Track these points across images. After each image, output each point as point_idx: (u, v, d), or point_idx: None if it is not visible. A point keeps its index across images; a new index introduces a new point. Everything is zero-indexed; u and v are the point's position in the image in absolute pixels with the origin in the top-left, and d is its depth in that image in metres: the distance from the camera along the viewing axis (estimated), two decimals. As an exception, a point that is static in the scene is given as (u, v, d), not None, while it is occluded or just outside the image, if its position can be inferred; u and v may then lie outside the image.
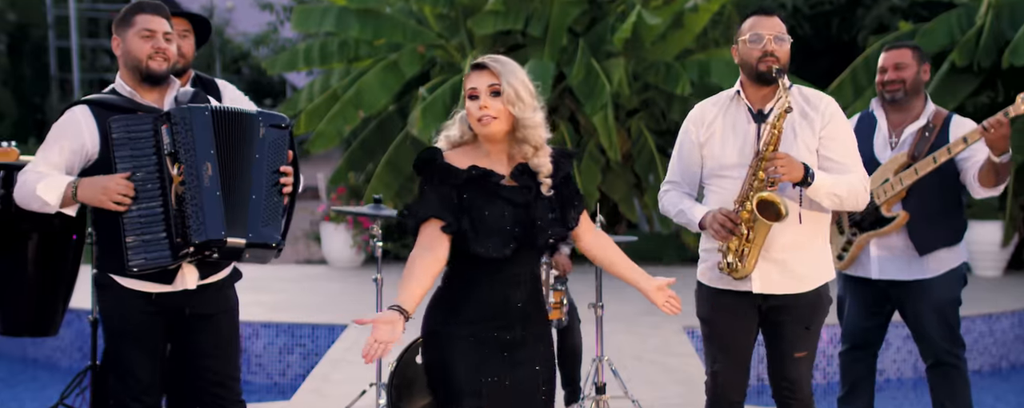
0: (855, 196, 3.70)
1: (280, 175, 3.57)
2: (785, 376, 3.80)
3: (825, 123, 3.71)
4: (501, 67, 3.13)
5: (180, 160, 3.44)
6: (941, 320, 4.52)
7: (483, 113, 3.12)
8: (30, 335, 4.64)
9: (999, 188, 4.49)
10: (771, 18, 3.75)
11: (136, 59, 3.57)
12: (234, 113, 3.55)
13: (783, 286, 3.71)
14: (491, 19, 10.43)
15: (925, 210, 4.47)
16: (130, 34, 3.59)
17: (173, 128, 3.46)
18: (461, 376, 3.17)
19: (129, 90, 3.62)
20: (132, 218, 3.44)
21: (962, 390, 4.57)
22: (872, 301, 4.64)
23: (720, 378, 3.83)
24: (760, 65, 3.69)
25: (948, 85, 9.97)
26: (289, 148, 3.63)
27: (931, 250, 4.49)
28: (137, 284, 3.57)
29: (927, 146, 4.47)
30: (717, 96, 3.90)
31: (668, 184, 3.93)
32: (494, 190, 3.14)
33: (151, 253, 3.44)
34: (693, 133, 3.84)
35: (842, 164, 3.71)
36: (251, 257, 3.54)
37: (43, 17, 20.14)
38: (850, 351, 4.76)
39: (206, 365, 3.70)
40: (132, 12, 3.61)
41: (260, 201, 3.51)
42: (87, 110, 3.57)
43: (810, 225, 3.73)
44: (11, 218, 4.37)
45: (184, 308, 3.64)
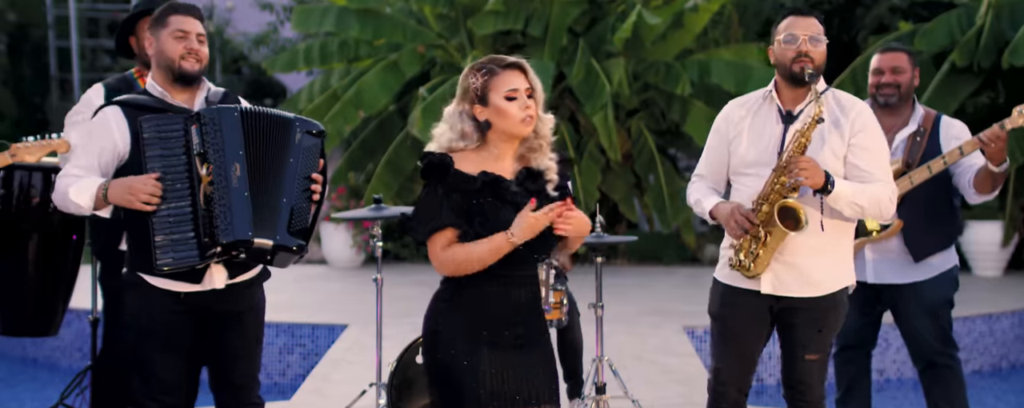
0: (878, 207, 3.67)
1: (311, 181, 3.59)
2: (795, 377, 3.80)
3: (856, 131, 3.68)
4: (532, 70, 3.20)
5: (209, 160, 3.46)
6: (934, 322, 4.53)
7: (528, 113, 3.15)
8: (30, 335, 4.65)
9: (993, 194, 4.50)
10: (807, 18, 3.72)
11: (169, 59, 3.61)
12: (266, 115, 3.57)
13: (793, 289, 3.70)
14: (491, 19, 10.44)
15: (919, 217, 4.48)
16: (164, 34, 3.63)
17: (202, 128, 3.48)
18: (463, 377, 3.16)
19: (160, 90, 3.66)
20: (161, 218, 3.46)
21: (957, 391, 4.57)
22: (864, 302, 4.64)
23: (723, 375, 3.83)
24: (794, 66, 3.67)
25: (948, 85, 9.97)
26: (321, 156, 3.65)
27: (926, 256, 4.51)
28: (166, 283, 3.59)
29: (920, 152, 4.47)
30: (750, 94, 3.90)
31: (696, 177, 3.97)
32: (504, 196, 3.16)
33: (179, 252, 3.45)
34: (723, 129, 3.85)
35: (869, 173, 3.67)
36: (273, 260, 3.56)
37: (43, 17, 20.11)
38: (842, 351, 4.77)
39: (230, 365, 3.74)
40: (166, 13, 3.66)
41: (290, 205, 3.53)
42: (118, 110, 3.60)
43: (832, 232, 3.71)
44: (11, 218, 4.38)
45: (211, 306, 3.66)
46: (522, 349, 3.20)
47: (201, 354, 3.77)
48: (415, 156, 10.88)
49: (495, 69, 3.18)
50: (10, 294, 4.49)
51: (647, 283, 9.85)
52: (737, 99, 3.92)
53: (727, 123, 3.84)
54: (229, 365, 3.73)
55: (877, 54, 4.64)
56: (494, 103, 3.16)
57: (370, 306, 5.69)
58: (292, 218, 3.53)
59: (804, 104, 3.71)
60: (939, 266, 4.54)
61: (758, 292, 3.73)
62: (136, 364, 3.67)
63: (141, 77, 4.43)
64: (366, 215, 5.15)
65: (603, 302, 5.12)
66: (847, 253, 3.80)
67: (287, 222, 3.52)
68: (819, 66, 3.68)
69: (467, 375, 3.16)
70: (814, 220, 3.64)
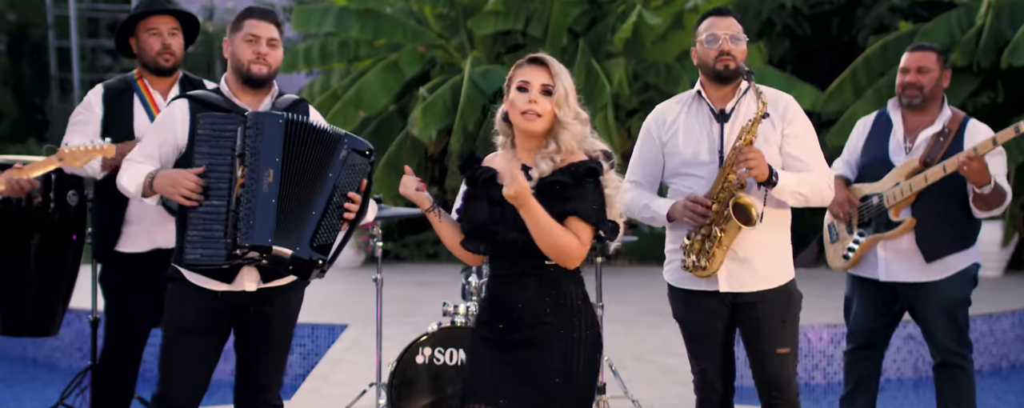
0: (820, 194, 3.75)
1: (347, 199, 3.58)
2: (769, 374, 3.78)
3: (788, 122, 3.75)
4: (559, 69, 3.15)
5: (245, 163, 3.48)
6: (950, 321, 4.50)
7: (531, 107, 3.11)
8: (30, 335, 4.65)
9: (995, 213, 4.46)
10: (726, 18, 3.77)
11: (239, 62, 3.67)
12: (312, 127, 3.58)
13: (748, 284, 3.74)
14: (491, 19, 10.44)
15: (933, 216, 4.45)
16: (238, 38, 3.69)
17: (246, 130, 3.50)
18: (469, 373, 3.24)
19: (228, 91, 3.72)
20: (198, 213, 3.49)
21: (967, 392, 4.55)
22: (881, 302, 4.62)
23: (707, 375, 3.85)
24: (717, 65, 3.72)
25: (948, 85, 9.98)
26: (366, 177, 3.66)
27: (938, 256, 4.46)
28: (203, 281, 3.63)
29: (941, 152, 4.44)
30: (677, 97, 3.94)
31: (628, 183, 3.90)
32: (483, 189, 3.18)
33: (208, 250, 3.48)
34: (655, 133, 3.88)
35: (804, 161, 3.75)
36: (294, 270, 3.56)
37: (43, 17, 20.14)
38: (856, 350, 4.74)
39: (254, 364, 3.78)
40: (242, 17, 3.72)
41: (319, 218, 3.53)
42: (185, 105, 3.68)
43: (772, 225, 3.76)
44: (12, 218, 4.38)
45: (248, 307, 3.70)
46: (522, 349, 3.18)
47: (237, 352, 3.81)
48: (415, 156, 10.90)
49: (522, 63, 3.19)
50: (10, 294, 4.48)
51: (647, 283, 9.85)
52: (663, 103, 3.95)
53: (659, 126, 3.86)
54: (254, 363, 3.78)
55: (907, 52, 4.59)
56: (510, 94, 3.17)
57: (370, 306, 5.69)
58: (318, 231, 3.53)
59: (734, 101, 3.76)
60: (955, 265, 4.50)
61: (713, 291, 3.75)
62: (162, 357, 3.70)
63: (141, 78, 4.43)
64: (366, 215, 5.15)
65: (603, 302, 5.12)
66: (787, 248, 3.84)
67: (312, 235, 3.52)
68: (741, 65, 3.72)
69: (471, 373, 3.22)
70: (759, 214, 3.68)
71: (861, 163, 4.66)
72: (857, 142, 4.70)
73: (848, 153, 4.74)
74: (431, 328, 4.84)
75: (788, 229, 3.86)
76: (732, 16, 3.79)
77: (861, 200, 4.59)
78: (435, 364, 4.76)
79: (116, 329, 4.39)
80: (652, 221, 3.86)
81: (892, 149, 4.56)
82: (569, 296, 3.19)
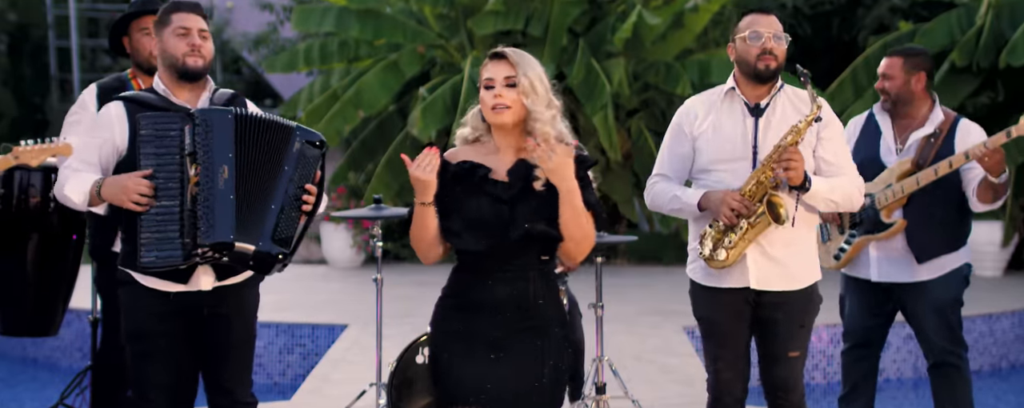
0: (850, 200, 3.77)
1: (304, 191, 3.57)
2: (778, 376, 3.79)
3: (824, 124, 3.73)
4: (519, 59, 3.18)
5: (198, 161, 3.45)
6: (941, 321, 4.52)
7: (497, 101, 3.15)
8: (30, 335, 4.65)
9: (997, 204, 4.50)
10: (769, 16, 3.78)
11: (173, 57, 3.61)
12: (262, 121, 3.55)
13: (776, 283, 3.73)
14: (491, 19, 10.44)
15: (924, 217, 4.46)
16: (167, 33, 3.63)
17: (195, 128, 3.47)
18: (450, 372, 3.20)
19: (164, 89, 3.66)
20: (150, 216, 3.45)
21: (963, 391, 4.56)
22: (873, 301, 4.64)
23: (722, 376, 3.83)
24: (758, 63, 3.72)
25: (948, 85, 9.97)
26: (319, 168, 3.63)
27: (930, 257, 4.49)
28: (155, 283, 3.59)
29: (932, 153, 4.46)
30: (708, 92, 3.93)
31: (656, 177, 3.93)
32: (479, 184, 3.17)
33: (163, 251, 3.44)
34: (685, 128, 3.86)
35: (836, 165, 3.76)
36: (255, 265, 3.54)
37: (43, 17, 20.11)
38: (852, 350, 4.75)
39: (218, 366, 3.73)
40: (169, 11, 3.66)
41: (278, 212, 3.51)
42: (121, 106, 3.62)
43: (802, 226, 3.75)
44: (11, 218, 4.38)
45: (202, 308, 3.65)
46: (512, 345, 3.18)
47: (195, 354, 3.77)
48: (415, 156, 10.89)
49: (487, 59, 3.23)
50: (10, 294, 4.48)
51: (647, 283, 9.85)
52: (694, 97, 3.94)
53: (689, 121, 3.85)
54: (217, 366, 3.73)
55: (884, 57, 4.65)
56: (481, 93, 3.21)
57: (370, 306, 5.69)
58: (278, 225, 3.51)
59: (768, 98, 3.76)
60: (947, 265, 4.52)
61: (740, 289, 3.75)
62: (130, 362, 3.67)
63: (135, 78, 4.43)
64: (366, 215, 5.15)
65: (603, 302, 5.12)
66: (814, 247, 3.85)
67: (272, 229, 3.50)
68: (782, 63, 3.74)
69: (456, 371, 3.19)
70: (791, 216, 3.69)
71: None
72: (848, 143, 4.71)
73: None
74: (431, 328, 4.84)
75: (814, 229, 3.87)
76: (774, 15, 3.78)
77: None
78: (435, 364, 4.76)
79: (113, 328, 4.39)
80: (679, 212, 3.84)
81: (883, 151, 4.58)
82: (556, 291, 3.27)
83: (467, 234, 3.17)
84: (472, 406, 3.16)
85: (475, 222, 3.15)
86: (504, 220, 3.13)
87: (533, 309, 3.20)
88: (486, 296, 3.19)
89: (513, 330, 3.19)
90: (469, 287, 3.22)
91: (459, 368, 3.19)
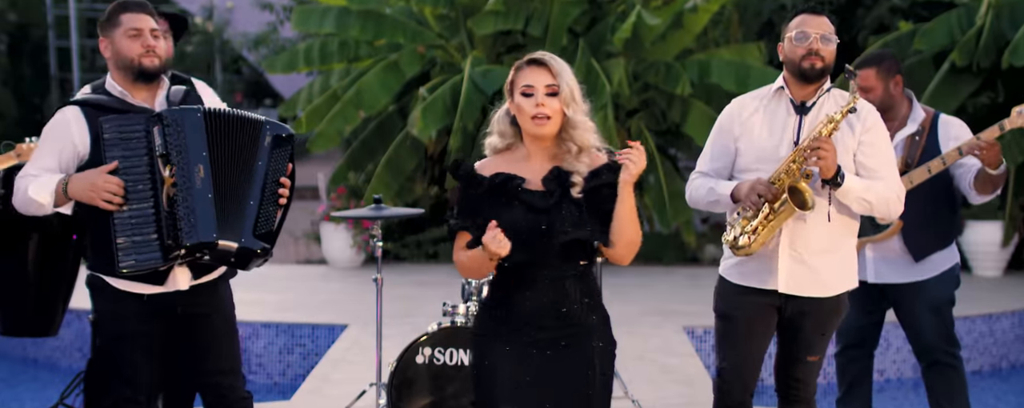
0: (886, 204, 3.70)
1: (279, 185, 3.55)
2: (793, 376, 3.83)
3: (866, 129, 3.72)
4: (559, 67, 3.13)
5: (172, 161, 3.42)
6: (937, 320, 4.54)
7: (540, 111, 3.09)
8: (30, 335, 4.65)
9: (995, 194, 4.51)
10: (819, 17, 3.76)
11: (127, 59, 3.57)
12: (231, 116, 3.52)
13: (808, 289, 3.71)
14: (491, 19, 10.43)
15: (919, 217, 4.48)
16: (117, 34, 3.58)
17: (165, 129, 3.43)
18: (493, 380, 3.17)
19: (120, 90, 3.62)
20: (123, 219, 3.42)
21: (960, 390, 4.58)
22: (868, 302, 4.65)
23: (729, 375, 3.83)
24: (804, 63, 3.70)
25: (948, 85, 9.97)
26: (289, 160, 3.62)
27: (926, 255, 4.51)
28: (129, 285, 3.56)
29: (919, 151, 4.48)
30: (758, 90, 3.91)
31: (697, 174, 3.93)
32: (514, 194, 3.13)
33: (142, 254, 3.42)
34: (729, 126, 3.84)
35: (877, 172, 3.71)
36: (236, 262, 3.53)
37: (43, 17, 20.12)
38: (845, 351, 4.77)
39: (204, 364, 3.71)
40: (116, 12, 3.61)
41: (256, 207, 3.50)
42: (78, 111, 3.57)
43: (840, 229, 3.73)
44: (11, 218, 4.38)
45: (176, 307, 3.63)
46: (552, 352, 3.16)
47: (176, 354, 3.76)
48: (415, 156, 10.89)
49: (522, 65, 3.17)
50: (10, 294, 4.48)
51: (647, 283, 9.85)
52: (743, 96, 3.92)
53: (734, 120, 3.84)
54: (204, 364, 3.71)
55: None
56: (515, 99, 3.15)
57: (370, 306, 5.69)
58: (258, 220, 3.50)
59: (815, 98, 3.74)
60: (941, 265, 4.55)
61: (767, 290, 3.73)
62: (109, 366, 3.66)
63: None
64: (366, 215, 5.15)
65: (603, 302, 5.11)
66: (852, 254, 3.82)
67: (253, 224, 3.49)
68: (829, 64, 3.72)
69: (499, 379, 3.15)
70: (821, 210, 3.64)
71: None
72: None
73: None
74: (431, 328, 4.84)
75: (854, 236, 3.81)
76: (825, 16, 3.76)
77: None
78: (435, 364, 4.76)
79: None
80: (716, 205, 3.81)
81: None
82: (598, 295, 3.26)
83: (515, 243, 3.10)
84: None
85: (512, 233, 3.07)
86: (541, 229, 3.10)
87: (574, 316, 3.19)
88: (526, 305, 3.16)
89: (556, 337, 3.17)
90: (509, 296, 3.19)
91: (502, 377, 3.15)
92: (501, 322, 3.20)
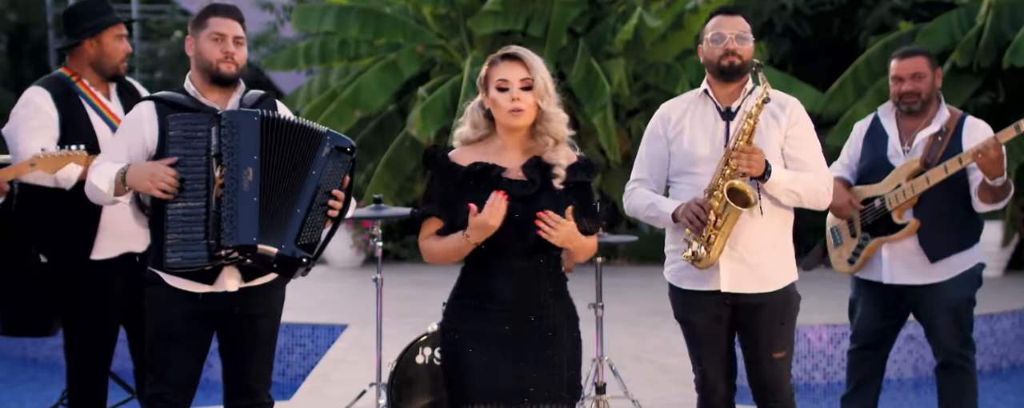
0: (814, 195, 3.77)
1: (330, 197, 3.55)
2: (764, 378, 3.81)
3: (792, 123, 3.79)
4: (533, 61, 3.20)
5: (223, 162, 3.45)
6: (954, 321, 4.50)
7: (515, 105, 3.15)
8: (30, 335, 4.64)
9: (998, 206, 4.48)
10: (733, 17, 3.80)
11: (207, 62, 3.62)
12: (289, 124, 3.54)
13: (749, 286, 3.75)
14: (491, 19, 10.43)
15: (936, 217, 4.45)
16: (202, 36, 3.64)
17: (221, 130, 3.47)
18: (465, 372, 3.21)
19: (194, 90, 3.67)
20: (177, 216, 3.46)
21: (970, 393, 4.55)
22: (886, 304, 4.62)
23: (709, 376, 3.86)
24: (722, 62, 3.75)
25: (948, 85, 9.97)
26: (348, 174, 3.62)
27: (942, 257, 4.46)
28: (183, 283, 3.60)
29: (940, 151, 4.44)
30: (683, 95, 3.97)
31: (634, 182, 3.94)
32: (494, 183, 3.17)
33: (189, 252, 3.45)
34: (660, 131, 3.89)
35: (805, 162, 3.78)
36: (279, 268, 3.55)
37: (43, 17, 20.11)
38: (860, 350, 4.73)
39: (241, 366, 3.75)
40: (206, 14, 3.67)
41: (303, 216, 3.50)
42: (152, 106, 3.63)
43: (775, 224, 3.78)
44: (11, 218, 4.37)
45: (233, 308, 3.66)
46: (523, 342, 3.20)
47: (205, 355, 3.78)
48: (415, 156, 10.89)
49: (496, 59, 3.23)
50: (10, 294, 4.48)
51: (647, 283, 9.85)
52: (671, 101, 3.98)
53: (665, 124, 3.88)
54: (240, 366, 3.75)
55: (895, 60, 4.57)
56: (490, 93, 3.21)
57: (370, 306, 5.69)
58: (303, 229, 3.50)
59: (740, 100, 3.79)
60: (960, 265, 4.50)
61: (715, 291, 3.76)
62: (150, 361, 3.68)
63: (80, 79, 4.43)
64: (366, 215, 5.15)
65: (603, 302, 5.12)
66: (789, 249, 3.85)
67: (297, 233, 3.49)
68: (747, 62, 3.78)
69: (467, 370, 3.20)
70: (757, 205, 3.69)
71: (860, 167, 4.66)
72: (855, 146, 4.70)
73: (847, 157, 4.74)
74: (431, 328, 4.84)
75: (790, 229, 3.87)
76: (740, 15, 3.80)
77: (863, 203, 4.58)
78: (435, 364, 4.76)
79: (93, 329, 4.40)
80: (656, 222, 3.86)
81: (890, 152, 4.57)
82: (565, 292, 3.34)
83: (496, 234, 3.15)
84: (487, 405, 3.17)
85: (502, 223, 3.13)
86: (514, 218, 3.13)
87: (544, 309, 3.24)
88: (497, 295, 3.20)
89: (526, 330, 3.21)
90: (479, 286, 3.23)
91: (474, 369, 3.19)
92: (473, 314, 3.22)
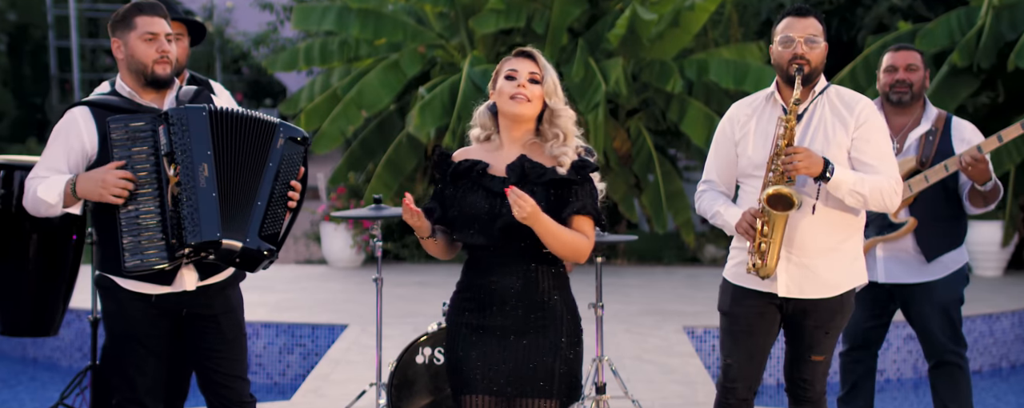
0: (881, 196, 3.65)
1: (289, 188, 3.54)
2: (800, 375, 3.84)
3: (859, 124, 3.69)
4: (546, 63, 3.25)
5: (176, 161, 3.40)
6: (946, 320, 4.54)
7: (519, 91, 3.19)
8: (30, 335, 4.64)
9: (989, 208, 4.51)
10: (805, 19, 3.70)
11: (140, 64, 3.54)
12: (239, 116, 3.50)
13: (808, 291, 3.70)
14: (492, 18, 10.42)
15: (930, 215, 4.48)
16: (132, 37, 3.55)
17: (170, 128, 3.42)
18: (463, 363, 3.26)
19: (129, 90, 3.60)
20: (129, 219, 3.41)
21: (965, 390, 4.58)
22: (875, 303, 4.64)
23: (733, 372, 3.83)
24: (790, 67, 3.67)
25: (948, 86, 9.97)
26: (302, 164, 3.60)
27: (937, 255, 4.51)
28: (137, 286, 3.56)
29: (933, 150, 4.47)
30: (753, 95, 3.90)
31: (704, 184, 3.93)
32: (476, 179, 3.23)
33: (147, 254, 3.40)
34: (728, 131, 3.84)
35: (873, 166, 3.68)
36: (242, 262, 3.51)
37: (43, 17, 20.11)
38: (851, 351, 4.76)
39: (211, 366, 3.70)
40: (131, 14, 3.57)
41: (264, 208, 3.48)
42: (87, 111, 3.56)
43: (841, 227, 3.72)
44: (11, 218, 4.38)
45: (192, 307, 3.63)
46: (510, 337, 3.23)
47: (185, 356, 3.76)
48: (415, 156, 10.88)
49: (509, 56, 3.29)
50: (10, 294, 4.48)
51: (647, 283, 9.85)
52: (741, 101, 3.91)
53: (732, 125, 3.83)
54: (210, 366, 3.70)
55: (889, 52, 4.62)
56: (497, 83, 3.26)
57: (370, 306, 5.69)
58: (264, 221, 3.48)
59: (808, 102, 3.72)
60: (950, 264, 4.55)
61: (770, 293, 3.73)
62: (115, 366, 3.65)
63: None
64: (366, 215, 5.15)
65: (603, 302, 5.12)
66: (858, 251, 3.80)
67: (259, 225, 3.47)
68: (816, 67, 3.68)
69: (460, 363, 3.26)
70: (807, 205, 3.64)
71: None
72: None
73: None
74: (431, 328, 4.84)
75: (860, 233, 3.79)
76: (813, 16, 3.71)
77: None
78: (435, 364, 4.76)
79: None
80: (723, 227, 3.83)
81: None
82: (567, 290, 3.34)
83: (467, 229, 3.24)
84: (483, 395, 3.22)
85: (471, 216, 3.22)
86: (496, 213, 3.17)
87: (544, 305, 3.26)
88: (493, 289, 3.24)
89: (523, 324, 3.23)
90: (476, 280, 3.28)
91: (472, 359, 3.23)
92: (469, 306, 3.29)
